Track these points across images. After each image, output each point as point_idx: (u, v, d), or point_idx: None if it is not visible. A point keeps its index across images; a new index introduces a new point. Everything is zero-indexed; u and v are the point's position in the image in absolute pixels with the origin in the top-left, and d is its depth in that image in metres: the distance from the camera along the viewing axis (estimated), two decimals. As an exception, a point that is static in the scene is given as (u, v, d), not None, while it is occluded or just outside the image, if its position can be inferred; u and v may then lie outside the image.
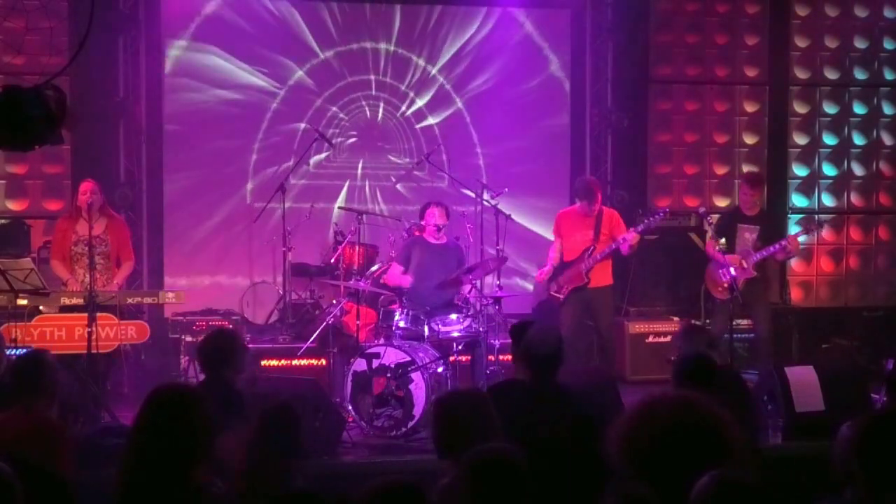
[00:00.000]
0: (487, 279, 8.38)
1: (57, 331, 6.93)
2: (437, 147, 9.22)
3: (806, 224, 8.08)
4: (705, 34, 9.98)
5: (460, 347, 7.12)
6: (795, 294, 9.95)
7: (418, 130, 9.62)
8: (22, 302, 6.78)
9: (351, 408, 6.66)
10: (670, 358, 4.79)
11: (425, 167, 9.12)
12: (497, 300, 7.54)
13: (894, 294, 10.04)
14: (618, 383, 6.71)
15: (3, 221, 8.65)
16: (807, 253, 10.05)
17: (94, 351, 6.74)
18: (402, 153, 9.60)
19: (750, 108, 10.06)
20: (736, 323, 7.81)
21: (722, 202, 9.86)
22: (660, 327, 8.57)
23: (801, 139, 10.12)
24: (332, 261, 8.42)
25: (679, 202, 9.86)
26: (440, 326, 7.06)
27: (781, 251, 7.77)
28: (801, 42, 10.07)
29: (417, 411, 6.48)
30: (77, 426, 5.82)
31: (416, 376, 6.54)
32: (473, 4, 9.70)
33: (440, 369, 6.84)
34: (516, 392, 4.47)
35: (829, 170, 10.15)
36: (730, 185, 9.94)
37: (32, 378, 4.34)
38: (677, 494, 2.32)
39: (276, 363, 7.76)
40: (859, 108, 10.17)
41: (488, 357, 7.20)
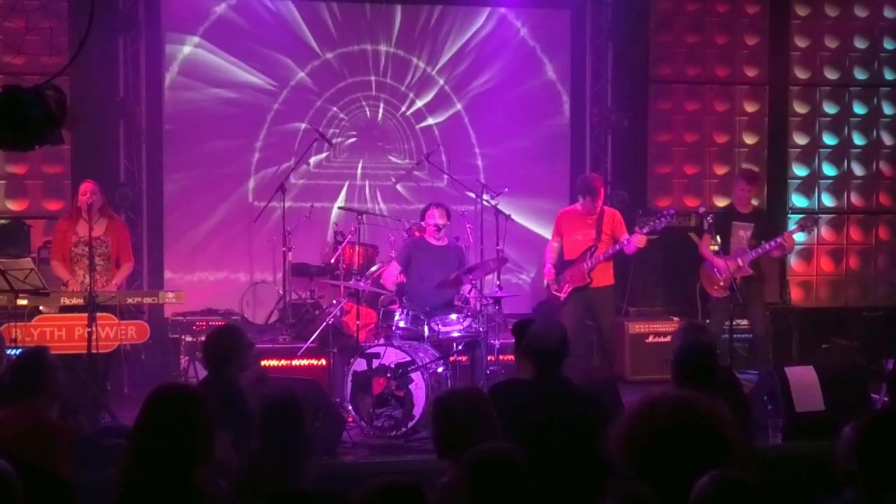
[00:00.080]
0: (487, 279, 8.39)
1: (57, 331, 6.94)
2: (436, 147, 9.23)
3: (802, 221, 8.09)
4: (705, 34, 9.97)
5: (460, 347, 7.12)
6: (795, 294, 9.94)
7: (418, 131, 9.62)
8: (22, 302, 6.78)
9: (351, 408, 6.65)
10: (668, 358, 4.77)
11: (425, 167, 9.13)
12: (497, 300, 7.54)
13: (894, 294, 10.03)
14: (618, 383, 6.70)
15: (3, 221, 8.65)
16: (807, 253, 10.05)
17: (94, 351, 6.75)
18: (402, 153, 9.60)
19: (750, 108, 10.05)
20: (735, 323, 7.81)
21: (722, 202, 9.84)
22: (660, 327, 8.56)
23: (801, 139, 10.12)
24: (332, 261, 8.42)
25: (679, 202, 9.86)
26: (440, 326, 7.06)
27: (777, 248, 7.79)
28: (801, 42, 10.06)
29: (417, 411, 6.48)
30: (77, 426, 5.81)
31: (416, 376, 6.53)
32: (473, 4, 9.69)
33: (440, 369, 6.84)
34: (520, 390, 4.46)
35: (829, 170, 10.15)
36: (730, 185, 9.90)
37: (33, 376, 4.35)
38: (677, 494, 2.32)
39: (276, 363, 7.75)
40: (859, 108, 10.16)
41: (488, 357, 7.19)
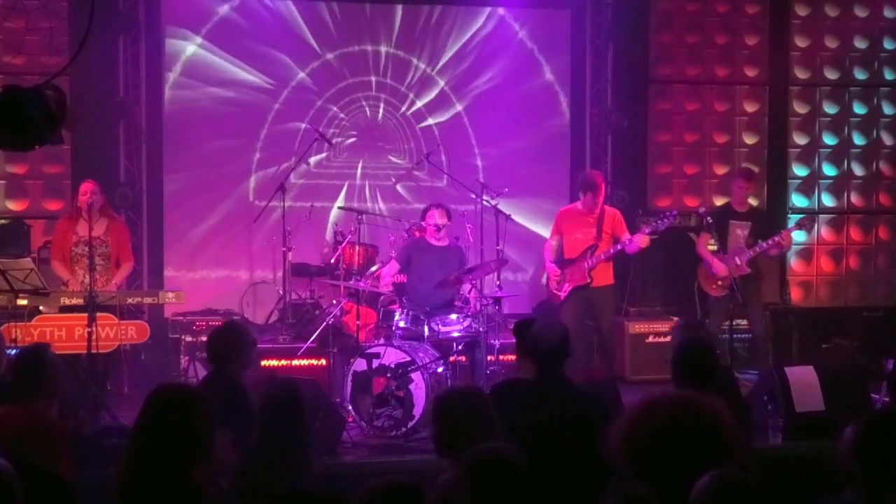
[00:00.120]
0: (487, 279, 8.39)
1: (57, 331, 6.94)
2: (436, 147, 9.23)
3: (800, 220, 8.10)
4: (705, 34, 9.97)
5: (460, 347, 7.12)
6: (795, 294, 9.94)
7: (418, 131, 9.62)
8: (22, 302, 6.78)
9: (351, 408, 6.65)
10: (668, 358, 4.77)
11: (425, 167, 9.13)
12: (497, 300, 7.53)
13: (894, 294, 10.03)
14: (618, 383, 6.70)
15: (3, 221, 8.65)
16: (807, 253, 10.05)
17: (94, 351, 6.75)
18: (402, 153, 9.60)
19: (750, 108, 10.05)
20: (734, 323, 7.81)
21: (722, 202, 9.84)
22: (660, 327, 8.56)
23: (801, 139, 10.12)
24: (332, 261, 8.42)
25: (679, 202, 9.86)
26: (440, 326, 7.05)
27: (775, 246, 7.82)
28: (801, 42, 10.06)
29: (417, 411, 6.48)
30: (77, 426, 5.81)
31: (416, 376, 6.53)
32: (473, 4, 9.69)
33: (440, 369, 6.83)
34: (521, 390, 4.46)
35: (829, 170, 10.15)
36: (729, 185, 9.91)
37: (34, 374, 4.34)
38: (677, 494, 2.32)
39: (276, 363, 7.75)
40: (859, 108, 10.16)
41: (488, 357, 7.19)
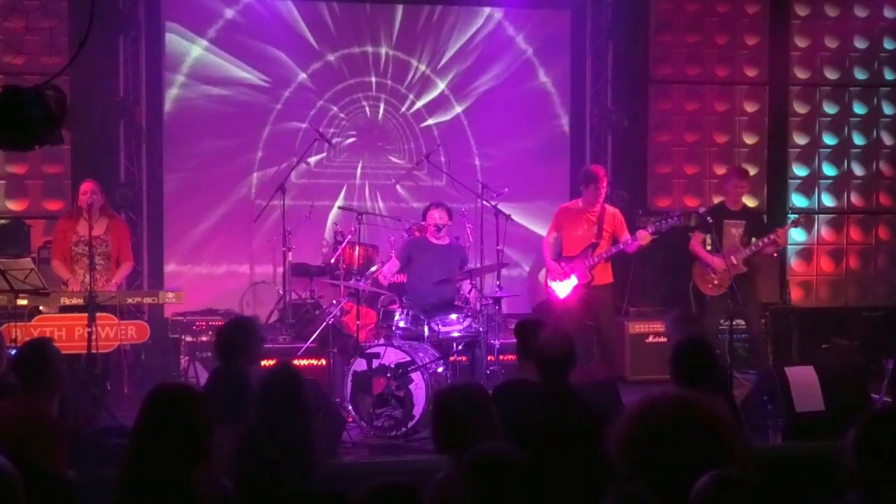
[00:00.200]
0: (487, 279, 8.39)
1: (57, 331, 6.94)
2: (436, 147, 9.22)
3: (795, 218, 8.12)
4: (705, 34, 9.96)
5: (460, 347, 7.12)
6: (795, 294, 9.94)
7: (418, 131, 9.61)
8: (22, 302, 6.79)
9: (351, 408, 6.65)
10: (666, 358, 4.77)
11: (425, 167, 9.13)
12: (497, 300, 7.53)
13: (894, 294, 10.03)
14: (618, 383, 6.70)
15: (3, 221, 8.65)
16: (807, 253, 10.05)
17: (94, 351, 6.75)
18: (402, 153, 9.60)
19: (750, 108, 10.05)
20: (730, 322, 7.79)
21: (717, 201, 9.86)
22: (660, 327, 8.52)
23: (801, 139, 10.11)
24: (332, 261, 8.42)
25: (679, 202, 9.85)
26: (440, 326, 7.05)
27: (771, 245, 7.85)
28: (801, 42, 10.06)
29: (417, 411, 6.48)
30: (77, 425, 5.81)
31: (416, 376, 6.53)
32: (473, 5, 9.68)
33: (440, 369, 6.83)
34: (523, 392, 4.46)
35: (829, 170, 10.14)
36: (723, 185, 9.92)
37: (36, 367, 4.35)
38: (677, 494, 2.32)
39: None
40: (859, 108, 10.16)
41: (488, 357, 7.19)
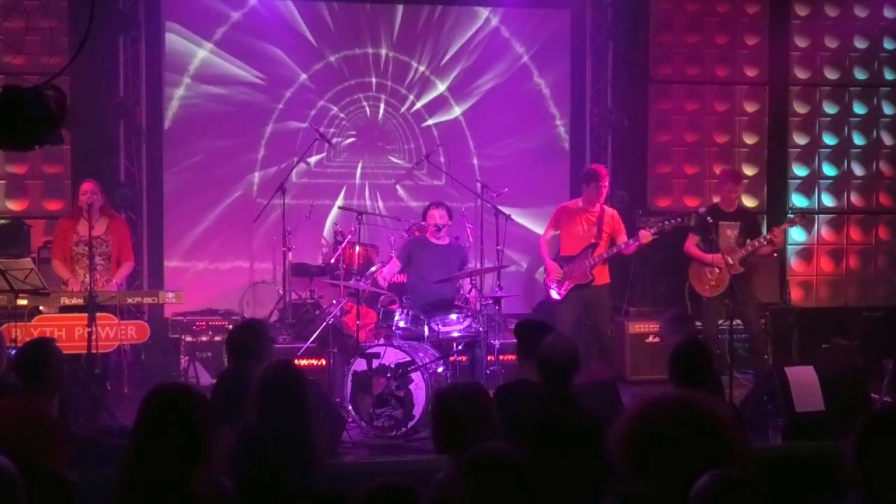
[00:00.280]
0: (487, 279, 8.39)
1: (57, 331, 6.93)
2: (436, 147, 9.22)
3: (791, 217, 8.13)
4: (705, 34, 9.96)
5: (460, 347, 7.12)
6: (795, 294, 9.94)
7: (418, 131, 9.61)
8: (22, 302, 6.78)
9: (351, 408, 6.65)
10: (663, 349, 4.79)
11: (424, 167, 9.13)
12: (497, 300, 7.53)
13: (894, 294, 10.03)
14: (618, 383, 6.70)
15: (3, 221, 8.65)
16: (807, 253, 10.05)
17: (94, 351, 6.74)
18: (402, 154, 9.60)
19: (750, 108, 10.05)
20: (727, 323, 7.79)
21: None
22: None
23: (801, 139, 10.11)
24: (332, 261, 8.42)
25: (679, 202, 9.85)
26: (440, 326, 7.05)
27: (768, 245, 7.86)
28: (801, 42, 10.05)
29: (417, 411, 6.48)
30: (77, 426, 5.81)
31: (416, 376, 6.53)
32: (473, 5, 9.68)
33: (440, 369, 6.84)
34: (525, 393, 4.45)
35: (829, 170, 10.14)
36: (718, 187, 9.91)
37: (38, 367, 4.35)
38: (677, 494, 2.32)
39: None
40: (859, 108, 10.16)
41: (488, 357, 7.19)
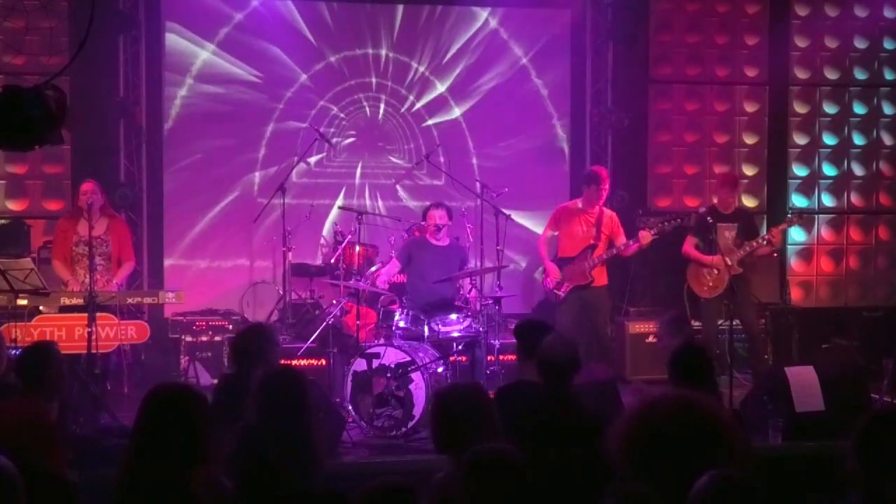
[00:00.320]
0: (487, 279, 8.39)
1: (57, 331, 6.92)
2: (436, 147, 9.22)
3: (789, 217, 8.13)
4: (705, 34, 9.96)
5: (460, 347, 7.12)
6: (795, 294, 9.94)
7: (418, 132, 9.62)
8: (22, 302, 6.78)
9: (351, 408, 6.65)
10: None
11: (424, 167, 9.13)
12: (497, 300, 7.53)
13: (894, 294, 10.03)
14: (618, 383, 6.69)
15: (3, 221, 8.65)
16: (807, 253, 10.06)
17: (94, 351, 6.74)
18: (402, 154, 9.60)
19: (750, 108, 10.05)
20: (727, 323, 7.79)
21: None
22: (659, 328, 8.55)
23: (801, 139, 10.11)
24: (333, 261, 8.42)
25: (679, 202, 9.86)
26: (440, 326, 7.05)
27: (767, 245, 7.86)
28: (801, 42, 10.05)
29: (417, 411, 6.48)
30: (77, 426, 5.81)
31: (416, 376, 6.53)
32: (473, 5, 9.68)
33: (440, 369, 6.84)
34: (526, 394, 4.45)
35: (829, 170, 10.15)
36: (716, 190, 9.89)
37: (38, 370, 4.35)
38: (677, 494, 2.32)
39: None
40: (859, 108, 10.16)
41: (488, 357, 7.19)
